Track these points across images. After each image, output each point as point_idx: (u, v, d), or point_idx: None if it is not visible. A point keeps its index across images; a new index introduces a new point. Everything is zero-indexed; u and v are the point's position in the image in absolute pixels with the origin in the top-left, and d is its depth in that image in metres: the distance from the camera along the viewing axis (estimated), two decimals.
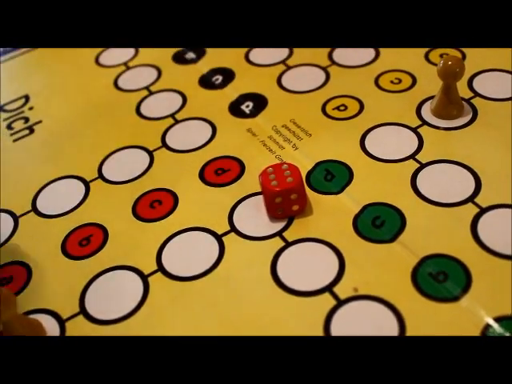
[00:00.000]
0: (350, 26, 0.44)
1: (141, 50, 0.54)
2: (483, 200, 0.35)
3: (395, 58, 0.47)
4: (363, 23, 0.44)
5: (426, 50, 0.46)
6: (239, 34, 0.46)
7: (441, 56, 0.46)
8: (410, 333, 0.30)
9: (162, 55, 0.52)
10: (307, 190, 0.37)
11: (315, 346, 0.28)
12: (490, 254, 0.33)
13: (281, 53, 0.49)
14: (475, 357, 0.26)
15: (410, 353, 0.27)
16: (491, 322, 0.30)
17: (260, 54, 0.50)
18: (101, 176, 0.42)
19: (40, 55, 0.56)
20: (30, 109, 0.50)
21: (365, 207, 0.36)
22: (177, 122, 0.45)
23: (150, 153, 0.43)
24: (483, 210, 0.35)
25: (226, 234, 0.36)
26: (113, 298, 0.35)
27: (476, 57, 0.45)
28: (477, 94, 0.42)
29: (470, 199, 0.35)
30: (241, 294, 0.33)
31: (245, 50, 0.51)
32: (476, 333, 0.29)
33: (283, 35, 0.46)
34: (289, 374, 0.27)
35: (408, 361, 0.27)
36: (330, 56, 0.48)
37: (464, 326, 0.30)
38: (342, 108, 0.43)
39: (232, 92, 0.47)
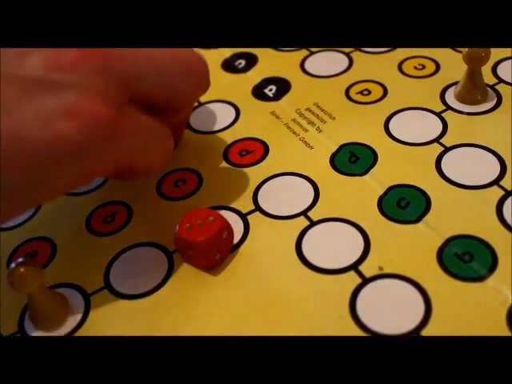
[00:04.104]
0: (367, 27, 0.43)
1: None
2: (509, 183, 0.35)
3: None
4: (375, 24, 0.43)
5: None
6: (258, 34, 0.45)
7: None
8: (436, 310, 0.30)
9: None
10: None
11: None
12: None
13: None
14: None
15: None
16: None
17: None
18: None
19: None
20: None
21: (389, 188, 0.36)
22: (200, 104, 0.45)
23: None
24: (509, 193, 0.35)
25: (250, 212, 0.37)
26: (138, 273, 0.35)
27: None
28: (501, 81, 0.42)
29: (496, 182, 0.35)
30: (266, 271, 0.33)
31: None
32: (503, 312, 0.30)
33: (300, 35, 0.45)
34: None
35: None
36: None
37: (490, 304, 0.30)
38: (365, 92, 0.43)
39: (255, 76, 0.47)
